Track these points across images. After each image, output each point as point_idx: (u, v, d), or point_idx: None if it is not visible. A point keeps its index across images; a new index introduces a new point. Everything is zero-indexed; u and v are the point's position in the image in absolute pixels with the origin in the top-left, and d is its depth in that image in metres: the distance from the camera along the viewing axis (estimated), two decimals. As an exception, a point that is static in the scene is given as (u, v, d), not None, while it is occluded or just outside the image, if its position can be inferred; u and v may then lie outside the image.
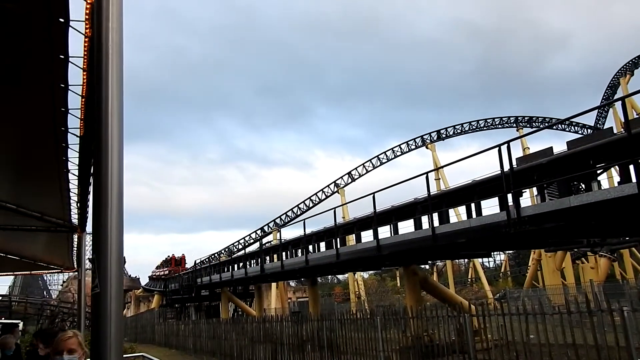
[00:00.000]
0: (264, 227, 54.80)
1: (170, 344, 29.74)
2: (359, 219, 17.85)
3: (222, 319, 26.82)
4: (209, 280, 34.05)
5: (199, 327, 25.54)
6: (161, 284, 47.69)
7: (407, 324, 12.84)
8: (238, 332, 20.55)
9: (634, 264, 49.85)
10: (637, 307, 7.38)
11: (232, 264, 31.66)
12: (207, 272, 35.63)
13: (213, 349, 22.73)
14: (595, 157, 9.85)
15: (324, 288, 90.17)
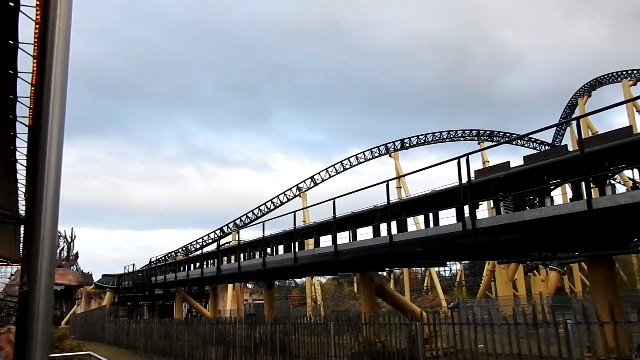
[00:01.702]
0: (223, 228, 54.27)
1: (120, 342, 29.07)
2: (318, 223, 17.85)
3: (175, 319, 26.38)
4: (163, 279, 33.43)
5: (150, 327, 25.05)
6: (114, 280, 46.56)
7: (361, 330, 12.90)
8: (191, 333, 20.25)
9: (583, 278, 51.53)
10: (580, 321, 7.60)
11: (189, 264, 31.18)
12: (162, 270, 34.99)
13: (164, 349, 22.32)
14: (550, 173, 10.12)
15: (281, 291, 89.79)
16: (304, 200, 52.99)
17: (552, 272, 37.90)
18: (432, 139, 57.95)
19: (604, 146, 8.92)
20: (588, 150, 8.73)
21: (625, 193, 8.10)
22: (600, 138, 9.90)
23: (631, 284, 53.46)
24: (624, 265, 60.19)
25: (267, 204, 54.21)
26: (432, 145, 58.82)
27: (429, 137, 57.80)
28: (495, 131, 59.12)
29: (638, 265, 57.60)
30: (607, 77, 53.45)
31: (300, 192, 54.16)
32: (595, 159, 8.90)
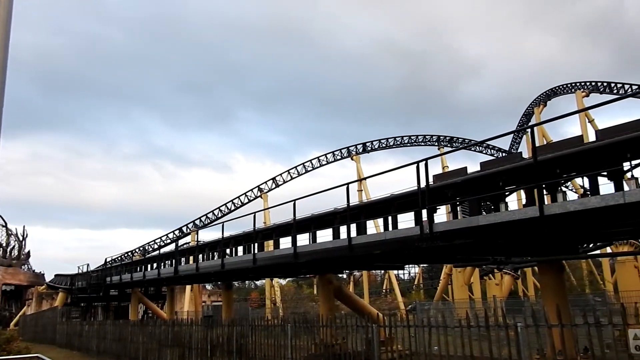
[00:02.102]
0: (182, 228, 53.47)
1: (72, 345, 28.30)
2: (278, 225, 17.79)
3: (129, 321, 25.83)
4: (119, 280, 32.66)
5: (104, 328, 24.47)
6: (67, 281, 45.19)
7: (318, 332, 12.92)
8: (146, 335, 19.86)
9: (535, 282, 53.08)
10: (529, 324, 7.83)
11: (146, 264, 30.57)
12: (117, 271, 34.19)
13: (118, 352, 21.84)
14: (505, 179, 10.37)
15: (240, 292, 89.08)
16: (265, 202, 52.77)
17: (506, 276, 38.90)
18: (393, 143, 58.74)
19: (556, 154, 9.20)
20: (541, 158, 9.00)
21: (575, 200, 8.38)
22: (553, 146, 10.22)
23: (580, 288, 55.43)
24: (574, 270, 62.38)
25: (227, 205, 53.75)
26: (393, 149, 59.72)
27: (391, 141, 58.58)
28: (455, 137, 60.41)
29: (587, 270, 59.81)
30: (562, 88, 55.30)
31: (261, 193, 53.92)
32: (547, 166, 9.18)
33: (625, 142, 8.18)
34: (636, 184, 8.23)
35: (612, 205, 7.55)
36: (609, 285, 46.88)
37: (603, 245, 27.20)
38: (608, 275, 50.02)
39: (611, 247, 28.36)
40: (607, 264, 51.35)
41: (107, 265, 38.02)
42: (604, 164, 8.67)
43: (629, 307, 11.18)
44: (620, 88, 48.51)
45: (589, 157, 8.89)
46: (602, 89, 50.04)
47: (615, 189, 8.58)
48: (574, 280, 61.15)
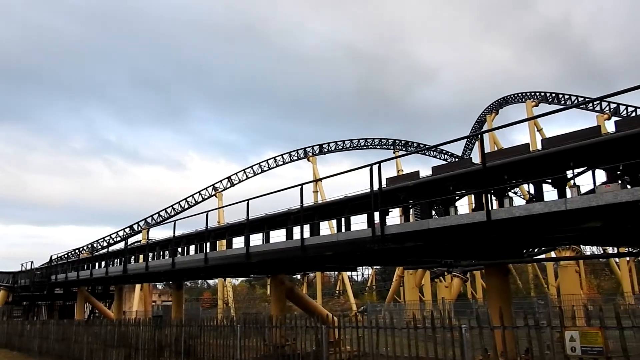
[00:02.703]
0: (133, 226, 52.18)
1: (12, 345, 27.15)
2: (231, 224, 17.62)
3: (74, 320, 25.01)
4: (64, 278, 31.55)
5: (47, 328, 23.59)
6: (9, 278, 43.33)
7: (269, 333, 12.86)
8: (90, 335, 19.27)
9: (484, 285, 54.51)
10: (473, 325, 8.03)
11: (93, 262, 29.68)
12: (63, 269, 33.05)
13: (61, 352, 21.11)
14: (455, 183, 10.60)
15: (192, 292, 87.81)
16: (219, 201, 52.19)
17: (456, 279, 39.81)
18: (350, 146, 59.24)
19: (504, 161, 9.47)
20: (490, 164, 9.24)
21: (520, 206, 8.65)
22: (502, 153, 10.52)
23: (526, 291, 57.34)
24: (520, 273, 64.48)
25: (181, 203, 52.85)
26: (349, 151, 60.19)
27: (347, 143, 59.07)
28: (411, 141, 61.42)
29: (533, 274, 61.93)
30: (513, 97, 57.12)
31: (216, 192, 53.28)
32: (496, 172, 9.44)
33: (569, 151, 8.50)
34: (578, 191, 8.56)
35: (555, 212, 7.82)
36: (552, 289, 48.61)
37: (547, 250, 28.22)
38: (552, 279, 51.86)
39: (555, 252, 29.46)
40: (551, 268, 53.29)
41: (53, 263, 36.68)
42: (549, 171, 8.98)
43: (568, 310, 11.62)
44: (567, 99, 50.46)
45: (534, 164, 9.19)
46: (550, 100, 51.93)
47: (559, 195, 8.91)
48: (520, 283, 63.22)
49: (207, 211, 17.37)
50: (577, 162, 8.83)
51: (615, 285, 54.76)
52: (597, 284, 58.57)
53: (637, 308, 30.28)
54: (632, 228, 7.99)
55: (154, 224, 51.02)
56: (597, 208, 7.17)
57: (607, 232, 9.14)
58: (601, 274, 63.05)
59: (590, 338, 6.46)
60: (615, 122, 8.82)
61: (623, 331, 6.44)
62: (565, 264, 32.23)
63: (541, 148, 9.34)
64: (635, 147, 7.86)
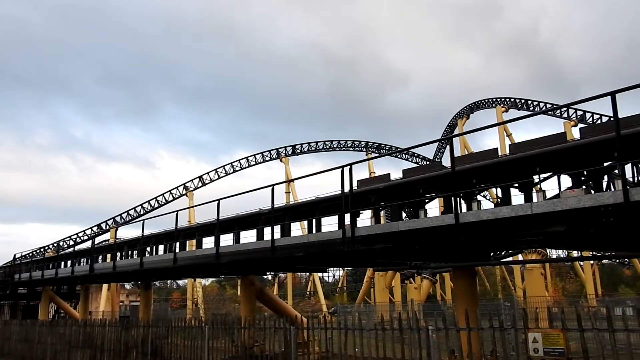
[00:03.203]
0: (101, 224, 51.24)
1: (-29, 346, 26.34)
2: (201, 224, 17.46)
3: (37, 320, 24.42)
4: (28, 277, 30.77)
5: (9, 328, 23.01)
6: (-29, 277, 42.09)
7: (238, 334, 12.77)
8: (54, 336, 18.85)
9: (453, 286, 55.26)
10: (440, 327, 8.13)
11: (59, 261, 29.03)
12: (27, 267, 32.24)
13: (23, 353, 20.58)
14: (425, 186, 10.72)
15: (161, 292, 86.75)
16: (190, 200, 51.69)
17: (425, 280, 40.23)
18: (322, 147, 59.35)
19: (472, 165, 9.62)
20: (459, 168, 9.37)
21: (488, 209, 8.79)
22: (471, 157, 10.68)
23: (494, 293, 58.28)
24: (488, 275, 65.59)
25: (150, 202, 52.15)
26: (322, 153, 60.29)
27: (320, 144, 59.17)
28: (383, 144, 61.88)
29: (500, 277, 63.03)
30: (484, 103, 58.11)
31: (187, 191, 52.76)
32: (464, 176, 9.58)
33: (535, 156, 8.69)
34: (543, 196, 8.75)
35: (521, 216, 7.96)
36: (519, 291, 49.54)
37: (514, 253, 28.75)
38: (519, 281, 52.87)
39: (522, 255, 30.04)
40: (518, 270, 54.30)
41: (17, 261, 35.74)
42: (516, 176, 9.16)
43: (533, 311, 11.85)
44: (536, 105, 51.59)
45: (502, 169, 9.37)
46: (519, 106, 52.99)
47: (525, 200, 9.10)
48: (488, 285, 64.29)
49: (177, 210, 17.16)
50: (543, 168, 9.02)
51: (579, 287, 56.15)
52: (562, 286, 59.95)
53: (599, 310, 31.10)
54: (594, 232, 8.19)
55: (122, 223, 50.21)
56: (561, 212, 7.33)
57: (571, 236, 9.35)
58: (566, 276, 64.59)
59: (553, 340, 6.60)
60: (580, 129, 9.06)
61: (583, 333, 6.61)
62: (531, 267, 32.88)
63: (509, 153, 9.52)
64: (598, 153, 8.09)
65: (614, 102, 6.94)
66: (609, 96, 7.02)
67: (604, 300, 30.73)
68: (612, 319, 6.59)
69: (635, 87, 7.09)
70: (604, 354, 6.54)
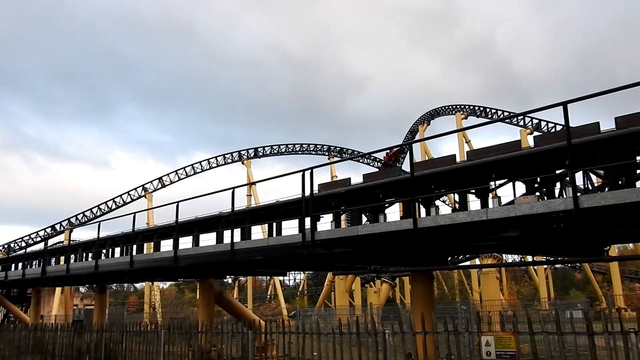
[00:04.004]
0: (55, 226, 49.67)
1: None
2: (160, 226, 17.15)
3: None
4: (-25, 280, 29.53)
5: (-48, 334, 21.98)
6: None
7: (194, 338, 12.59)
8: (3, 341, 18.17)
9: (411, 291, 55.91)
10: (397, 331, 8.22)
11: (9, 263, 27.99)
12: (-26, 270, 30.94)
13: (-32, 360, 19.72)
14: (385, 191, 10.83)
15: (118, 296, 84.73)
16: (149, 202, 50.71)
17: (384, 284, 40.62)
18: (285, 150, 59.25)
19: (431, 171, 9.78)
20: (418, 173, 9.52)
21: (445, 215, 8.95)
22: (430, 163, 10.87)
23: (452, 297, 59.36)
24: (447, 279, 66.77)
25: (108, 203, 50.89)
26: (283, 156, 60.22)
27: (283, 147, 59.05)
28: (345, 148, 62.22)
29: (458, 280, 64.27)
30: (444, 109, 59.20)
31: (146, 192, 51.73)
32: (423, 181, 9.72)
33: (491, 163, 8.91)
34: (499, 202, 8.97)
35: (477, 221, 8.13)
36: (476, 295, 50.59)
37: (472, 257, 29.36)
38: (476, 285, 54.01)
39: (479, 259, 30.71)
40: (475, 274, 55.49)
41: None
42: (473, 182, 9.36)
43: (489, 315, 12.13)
44: (494, 113, 52.87)
45: (460, 175, 9.55)
46: (478, 113, 54.23)
47: (481, 205, 9.30)
48: (446, 289, 65.45)
49: (135, 212, 16.81)
50: (499, 174, 9.25)
51: (533, 291, 57.76)
52: (517, 289, 61.59)
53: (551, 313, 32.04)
54: (546, 238, 8.43)
55: (78, 224, 48.82)
56: (515, 218, 7.53)
57: (525, 241, 9.60)
58: (521, 280, 66.37)
59: (504, 342, 6.77)
60: (533, 137, 9.34)
61: (534, 336, 6.80)
62: (487, 271, 33.67)
63: (466, 159, 9.72)
64: (551, 161, 8.35)
65: (565, 112, 7.18)
66: (561, 106, 7.27)
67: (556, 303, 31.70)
68: (560, 323, 6.81)
69: (586, 97, 7.37)
70: (552, 355, 6.74)
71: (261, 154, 57.59)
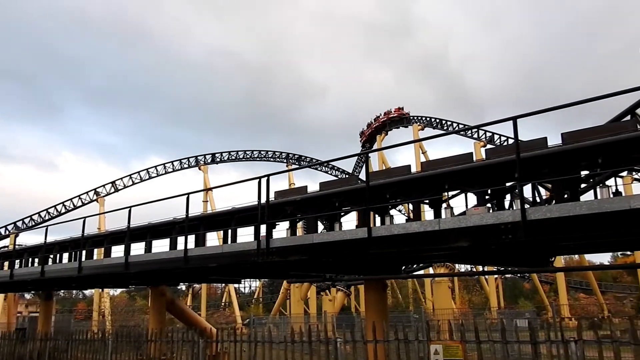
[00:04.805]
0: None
1: None
2: (111, 232, 16.69)
3: None
4: None
5: None
6: None
7: (146, 347, 12.28)
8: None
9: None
10: (348, 340, 8.26)
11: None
12: None
13: None
14: (341, 200, 10.89)
15: (65, 303, 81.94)
16: (101, 206, 49.34)
17: (339, 293, 40.77)
18: (243, 156, 58.86)
19: (387, 180, 9.90)
20: (373, 182, 9.62)
21: (399, 224, 9.07)
22: (386, 173, 11.00)
23: (406, 305, 60.11)
24: (401, 288, 67.57)
25: (57, 207, 49.21)
26: (241, 162, 59.87)
27: (240, 154, 58.63)
28: (304, 155, 62.32)
29: (412, 289, 65.14)
30: (402, 119, 60.14)
31: (98, 196, 50.31)
32: (378, 190, 9.83)
33: (444, 174, 9.09)
34: (451, 212, 9.16)
35: (430, 231, 8.28)
36: (429, 303, 51.37)
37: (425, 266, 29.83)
38: (429, 294, 54.78)
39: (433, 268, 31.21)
40: (428, 283, 56.31)
41: None
42: (427, 192, 9.53)
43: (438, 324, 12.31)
44: (450, 125, 54.05)
45: (414, 185, 9.71)
46: (435, 125, 55.33)
47: (435, 216, 9.48)
48: (400, 297, 66.21)
49: (85, 217, 16.29)
50: (451, 185, 9.45)
51: (484, 300, 59.09)
52: (469, 298, 62.89)
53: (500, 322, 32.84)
54: (495, 248, 8.66)
55: (24, 228, 46.97)
56: (466, 229, 7.70)
57: (475, 252, 9.82)
58: (473, 289, 67.86)
59: (452, 351, 6.91)
60: (485, 150, 9.60)
61: (480, 344, 6.96)
62: (439, 280, 34.24)
63: (420, 170, 9.89)
64: (501, 174, 8.60)
65: (515, 127, 7.42)
66: (511, 120, 7.51)
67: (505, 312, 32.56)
68: (505, 332, 7.00)
69: (534, 113, 7.65)
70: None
71: (219, 159, 57.00)
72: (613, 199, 6.99)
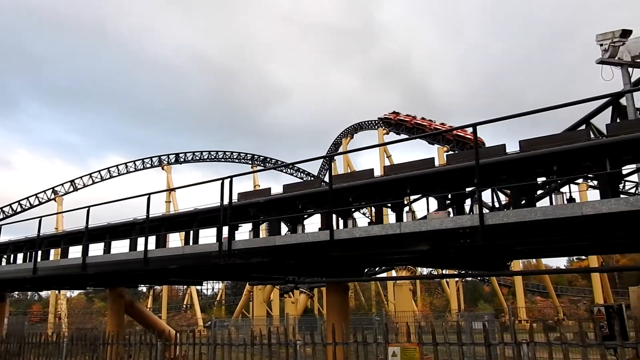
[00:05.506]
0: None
1: None
2: (68, 232, 16.27)
3: None
4: None
5: None
6: None
7: (102, 350, 11.99)
8: None
9: (328, 302, 56.39)
10: (308, 342, 8.28)
11: None
12: None
13: None
14: (305, 202, 10.90)
15: (20, 305, 79.29)
16: (59, 205, 47.97)
17: (302, 295, 40.80)
18: (207, 157, 58.24)
19: (350, 184, 9.97)
20: (336, 186, 9.68)
21: (361, 227, 9.16)
22: (349, 176, 11.08)
23: (368, 308, 60.52)
24: (364, 290, 68.05)
25: (12, 206, 47.61)
26: (205, 163, 59.26)
27: (205, 154, 58.01)
28: (269, 157, 62.09)
29: (375, 291, 65.68)
30: (367, 124, 60.71)
31: (56, 195, 48.91)
32: (342, 193, 9.90)
33: (406, 178, 9.23)
34: (413, 216, 9.30)
35: (391, 234, 8.37)
36: (392, 306, 51.87)
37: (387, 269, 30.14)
38: (391, 296, 55.31)
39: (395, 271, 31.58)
40: (391, 286, 56.84)
41: None
42: (389, 196, 9.64)
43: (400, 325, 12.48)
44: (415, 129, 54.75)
45: (377, 188, 9.81)
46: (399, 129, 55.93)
47: (397, 219, 9.60)
48: (363, 299, 66.65)
49: (41, 216, 15.83)
50: (413, 189, 9.59)
51: (445, 302, 60.05)
52: (431, 301, 63.76)
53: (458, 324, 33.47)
54: (455, 252, 8.83)
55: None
56: (426, 233, 7.82)
57: (435, 255, 9.99)
58: (434, 292, 68.85)
59: (409, 353, 7.00)
60: (446, 156, 9.79)
61: (437, 346, 7.08)
62: (401, 283, 34.63)
63: (383, 174, 10.01)
64: (461, 179, 8.78)
65: (474, 133, 7.59)
66: (471, 127, 7.68)
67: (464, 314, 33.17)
68: (460, 334, 7.16)
69: (494, 121, 7.83)
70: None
71: (182, 159, 56.26)
72: (567, 205, 7.23)
